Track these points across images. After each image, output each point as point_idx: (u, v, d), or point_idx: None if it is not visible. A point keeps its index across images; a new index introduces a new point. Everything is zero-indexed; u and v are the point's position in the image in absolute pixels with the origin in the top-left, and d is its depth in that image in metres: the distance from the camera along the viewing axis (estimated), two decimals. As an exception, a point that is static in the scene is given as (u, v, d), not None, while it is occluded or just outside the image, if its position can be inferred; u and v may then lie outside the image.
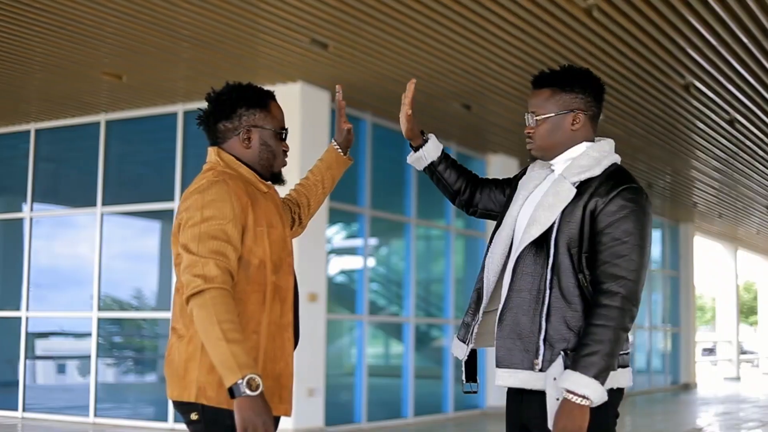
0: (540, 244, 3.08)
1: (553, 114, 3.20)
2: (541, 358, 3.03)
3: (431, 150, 3.64)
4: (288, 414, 3.18)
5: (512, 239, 3.25)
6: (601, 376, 2.92)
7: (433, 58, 9.81)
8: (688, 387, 23.41)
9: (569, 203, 3.09)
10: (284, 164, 3.38)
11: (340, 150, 3.73)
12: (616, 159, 3.19)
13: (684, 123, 12.68)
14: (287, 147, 3.36)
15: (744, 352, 36.15)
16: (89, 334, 12.65)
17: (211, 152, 3.31)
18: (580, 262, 3.05)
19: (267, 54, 9.87)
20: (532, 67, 10.10)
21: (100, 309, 12.61)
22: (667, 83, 10.72)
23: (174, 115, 12.06)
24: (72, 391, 13.50)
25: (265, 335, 3.12)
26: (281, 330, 3.17)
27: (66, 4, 8.41)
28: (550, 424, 2.98)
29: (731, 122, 12.59)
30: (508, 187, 3.53)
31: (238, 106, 3.27)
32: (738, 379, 28.88)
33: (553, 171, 3.28)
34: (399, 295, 13.98)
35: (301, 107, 10.76)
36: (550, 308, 3.04)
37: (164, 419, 11.77)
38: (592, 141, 3.26)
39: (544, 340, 3.03)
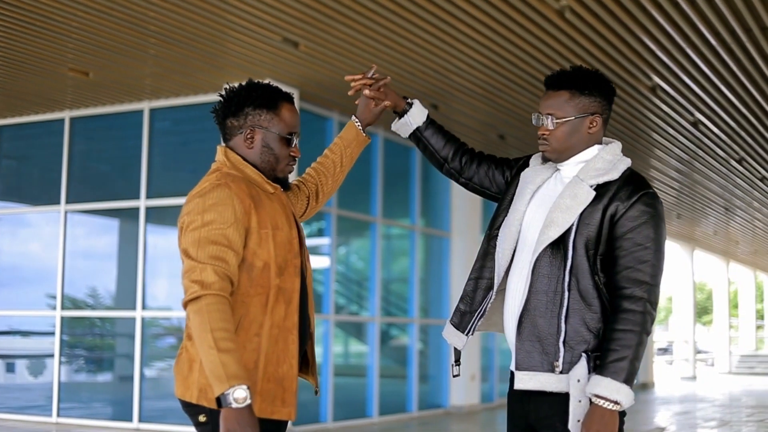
0: (556, 245, 3.08)
1: (572, 117, 3.18)
2: (561, 360, 3.03)
3: (416, 115, 3.60)
4: (291, 418, 3.13)
5: (518, 236, 3.24)
6: (630, 381, 2.97)
7: (404, 58, 9.81)
8: (646, 386, 23.62)
9: (587, 206, 3.09)
10: (289, 170, 3.31)
11: (360, 126, 3.65)
12: (629, 162, 3.21)
13: (648, 124, 12.77)
14: (296, 153, 3.29)
15: (699, 352, 36.53)
16: (52, 333, 12.53)
17: (219, 151, 3.28)
18: (595, 264, 3.06)
19: (237, 52, 9.82)
20: (502, 68, 10.14)
21: (63, 308, 12.50)
22: (635, 84, 10.79)
23: (140, 112, 11.97)
24: (34, 390, 13.36)
25: (267, 338, 3.08)
26: (285, 332, 3.13)
27: (33, -1, 8.33)
28: (571, 425, 2.99)
29: (695, 124, 12.70)
30: (509, 169, 3.49)
31: (245, 104, 3.22)
32: (694, 378, 29.15)
33: (558, 170, 3.27)
34: (361, 295, 13.97)
35: (270, 106, 10.67)
36: (569, 310, 3.04)
37: (129, 419, 11.69)
38: (601, 143, 3.27)
39: (564, 342, 3.03)
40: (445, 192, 15.23)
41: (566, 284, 3.05)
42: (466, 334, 3.35)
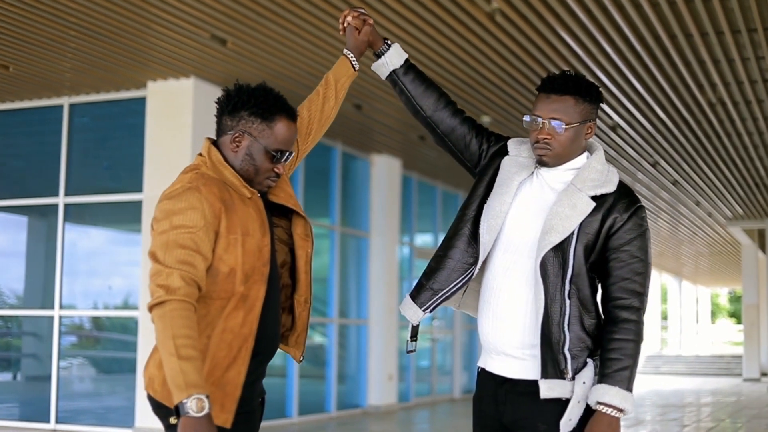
0: (554, 253, 3.09)
1: (578, 123, 3.18)
2: (569, 367, 3.06)
3: (393, 56, 3.55)
4: (227, 425, 3.04)
5: (499, 231, 3.22)
6: (632, 388, 3.04)
7: (331, 57, 9.76)
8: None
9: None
10: (269, 185, 3.21)
11: (353, 57, 3.59)
12: (616, 171, 3.24)
13: (568, 127, 12.91)
14: (279, 170, 3.18)
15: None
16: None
17: (204, 145, 3.21)
18: (588, 271, 3.12)
19: (161, 47, 9.67)
20: (427, 69, 10.15)
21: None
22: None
23: (60, 107, 11.74)
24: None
25: (218, 342, 3.04)
26: (240, 339, 3.07)
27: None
28: (563, 423, 3.04)
29: (614, 128, 12.90)
30: (486, 144, 3.44)
31: (242, 107, 3.14)
32: (602, 377, 29.55)
33: (538, 170, 3.26)
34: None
35: (194, 103, 10.58)
36: (570, 317, 3.08)
37: (46, 420, 11.47)
38: (586, 149, 3.29)
39: (569, 349, 3.07)
40: (365, 192, 15.23)
41: (567, 292, 3.07)
42: (423, 310, 3.32)
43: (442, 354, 18.36)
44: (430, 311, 3.33)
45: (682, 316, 44.73)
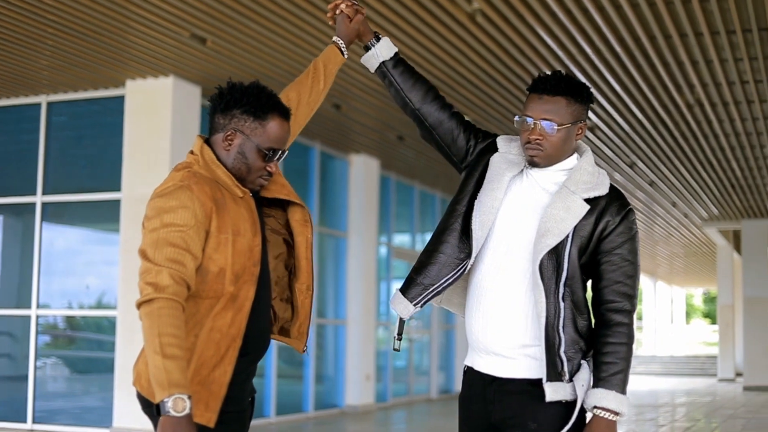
0: (549, 255, 3.08)
1: (569, 124, 3.15)
2: (566, 369, 3.07)
3: (383, 48, 3.56)
4: (210, 424, 3.01)
5: (490, 228, 3.20)
6: (626, 391, 3.08)
7: (311, 56, 9.75)
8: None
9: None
10: (261, 184, 3.20)
11: (342, 44, 3.62)
12: (606, 174, 3.24)
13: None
14: (272, 169, 3.18)
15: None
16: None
17: (197, 143, 3.18)
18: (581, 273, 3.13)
19: (140, 45, 9.62)
20: (408, 69, 10.14)
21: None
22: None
23: (37, 106, 11.67)
24: None
25: (205, 340, 3.02)
26: (228, 339, 3.05)
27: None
28: (570, 426, 3.04)
29: (592, 129, 12.94)
30: (474, 140, 3.42)
31: (234, 105, 3.12)
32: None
33: (527, 169, 3.24)
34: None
35: (173, 102, 10.54)
36: (565, 320, 3.07)
37: (23, 420, 11.40)
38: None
39: (564, 351, 3.07)
40: (343, 192, 15.23)
41: (561, 295, 3.07)
42: (414, 305, 3.29)
43: (419, 354, 18.37)
44: (421, 306, 3.29)
45: (657, 317, 44.93)
